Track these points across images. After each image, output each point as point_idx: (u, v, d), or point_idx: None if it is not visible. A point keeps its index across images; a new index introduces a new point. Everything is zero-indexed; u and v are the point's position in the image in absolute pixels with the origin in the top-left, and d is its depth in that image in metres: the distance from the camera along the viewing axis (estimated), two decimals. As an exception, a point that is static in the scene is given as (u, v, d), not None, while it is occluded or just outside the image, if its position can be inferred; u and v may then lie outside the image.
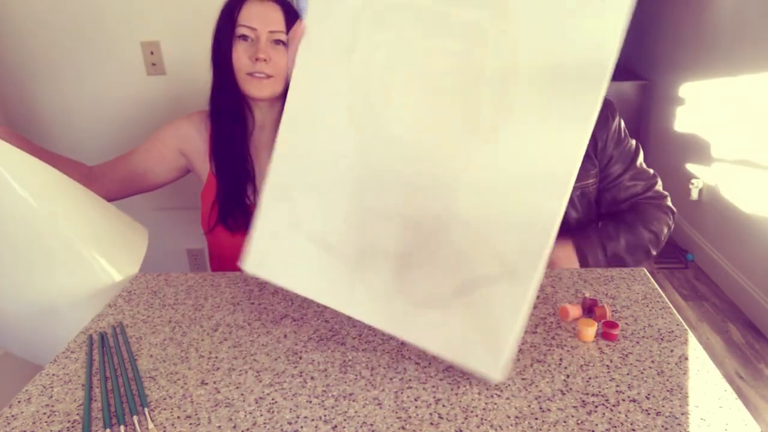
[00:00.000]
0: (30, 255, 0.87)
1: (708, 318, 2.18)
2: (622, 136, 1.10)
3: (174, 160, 1.18)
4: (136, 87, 1.80)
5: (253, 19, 1.03)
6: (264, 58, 1.03)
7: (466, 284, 0.66)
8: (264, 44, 1.03)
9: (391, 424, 0.61)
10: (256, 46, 1.03)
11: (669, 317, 0.80)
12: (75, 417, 0.66)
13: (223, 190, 1.12)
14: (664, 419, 0.61)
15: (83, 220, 0.93)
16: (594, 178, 1.10)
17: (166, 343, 0.80)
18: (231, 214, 1.12)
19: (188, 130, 1.17)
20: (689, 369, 0.69)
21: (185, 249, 2.03)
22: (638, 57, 3.34)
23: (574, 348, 0.74)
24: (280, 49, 1.05)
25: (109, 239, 0.97)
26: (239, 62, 1.05)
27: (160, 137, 1.18)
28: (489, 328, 0.64)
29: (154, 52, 1.74)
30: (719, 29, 2.40)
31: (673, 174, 2.84)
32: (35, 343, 0.94)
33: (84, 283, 0.91)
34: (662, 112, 3.00)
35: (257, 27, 1.03)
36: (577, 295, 0.86)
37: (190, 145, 1.17)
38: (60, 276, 0.89)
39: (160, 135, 1.18)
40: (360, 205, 0.71)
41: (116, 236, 0.98)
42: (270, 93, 1.06)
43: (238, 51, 1.04)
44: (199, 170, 1.19)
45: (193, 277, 0.98)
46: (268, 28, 1.03)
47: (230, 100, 1.10)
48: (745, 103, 2.19)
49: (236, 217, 1.12)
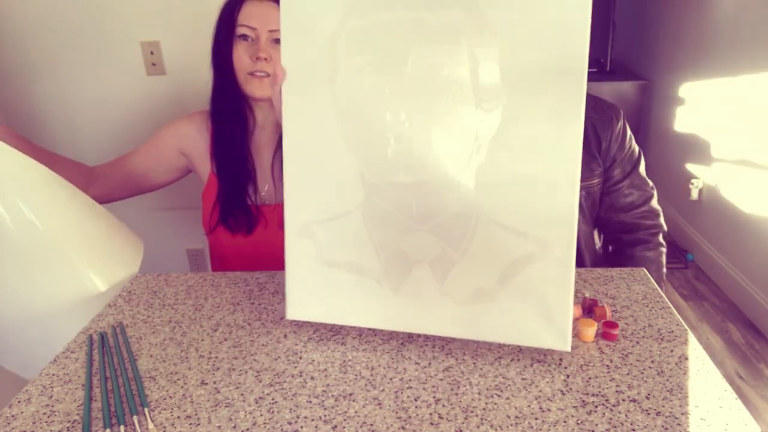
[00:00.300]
0: (20, 261, 0.86)
1: (708, 318, 2.18)
2: (626, 140, 1.10)
3: (175, 161, 1.18)
4: (136, 87, 1.80)
5: (252, 19, 1.03)
6: (265, 57, 1.03)
7: (507, 270, 0.68)
8: (264, 43, 1.04)
9: (391, 424, 0.61)
10: (257, 45, 1.04)
11: (669, 317, 0.80)
12: (75, 417, 0.66)
13: (224, 190, 1.12)
14: (664, 419, 0.61)
15: (77, 229, 0.92)
16: (599, 178, 1.10)
17: (166, 343, 0.80)
18: (232, 214, 1.12)
19: (189, 131, 1.17)
20: (689, 369, 0.69)
21: (185, 249, 2.03)
22: (638, 57, 3.34)
23: (574, 348, 0.74)
24: (279, 47, 1.05)
25: (103, 250, 0.96)
26: (240, 62, 1.05)
27: (160, 137, 1.18)
28: (543, 305, 0.67)
29: (154, 52, 1.74)
30: (719, 29, 2.40)
31: (673, 174, 2.84)
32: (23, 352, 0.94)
33: (72, 294, 0.90)
34: (662, 112, 3.00)
35: (257, 26, 1.03)
36: (577, 295, 0.86)
37: (191, 145, 1.17)
38: (49, 285, 0.88)
39: (160, 135, 1.18)
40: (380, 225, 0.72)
41: (110, 247, 0.97)
42: (270, 92, 1.07)
43: (239, 51, 1.05)
44: (200, 170, 1.19)
45: (193, 277, 0.98)
46: (267, 27, 1.04)
47: (231, 100, 1.10)
48: (745, 103, 2.19)
49: (237, 217, 1.12)
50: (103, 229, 0.98)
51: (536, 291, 0.67)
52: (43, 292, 0.88)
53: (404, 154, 0.69)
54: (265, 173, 1.15)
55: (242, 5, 1.04)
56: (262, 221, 1.12)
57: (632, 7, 3.40)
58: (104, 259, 0.95)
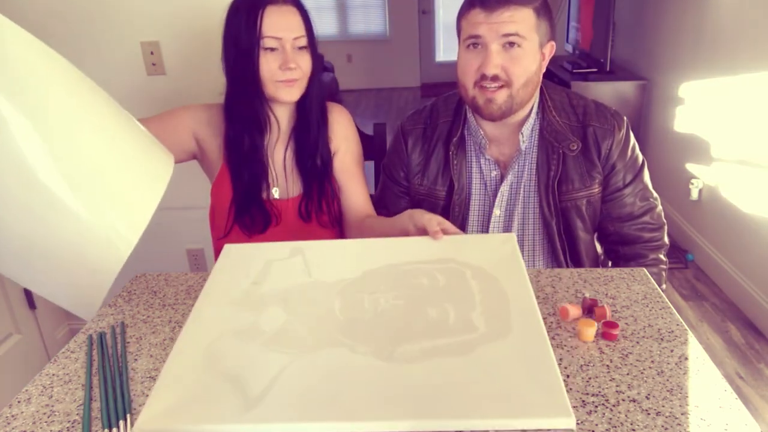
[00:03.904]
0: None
1: (708, 318, 2.18)
2: (628, 148, 1.08)
3: (186, 142, 1.16)
4: (136, 87, 1.80)
5: (278, 29, 1.03)
6: (294, 66, 1.04)
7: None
8: (291, 53, 1.04)
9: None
10: (284, 55, 1.04)
11: (669, 317, 0.80)
12: (75, 417, 0.66)
13: (241, 190, 1.12)
14: (664, 419, 0.61)
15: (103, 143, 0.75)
16: (599, 186, 1.08)
17: (166, 343, 0.80)
18: (248, 212, 1.12)
19: (208, 118, 1.15)
20: (689, 369, 0.69)
21: (185, 249, 2.03)
22: (638, 57, 3.34)
23: (574, 348, 0.74)
24: (303, 52, 1.07)
25: (130, 169, 0.79)
26: (269, 72, 1.04)
27: (177, 114, 1.15)
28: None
29: (154, 52, 1.74)
30: (719, 29, 2.40)
31: (673, 174, 2.84)
32: (76, 279, 0.77)
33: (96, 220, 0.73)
34: (662, 112, 3.00)
35: (282, 36, 1.03)
36: (577, 295, 0.86)
37: (206, 134, 1.15)
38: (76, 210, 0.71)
39: (177, 112, 1.16)
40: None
41: (136, 167, 0.80)
42: (299, 95, 1.08)
43: (268, 62, 1.04)
44: (208, 162, 1.17)
45: (193, 277, 0.98)
46: (292, 35, 1.04)
47: (251, 105, 1.09)
48: (745, 103, 2.19)
49: (254, 215, 1.12)
50: (132, 144, 0.80)
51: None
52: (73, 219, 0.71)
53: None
54: (277, 169, 1.15)
55: (263, 14, 1.03)
56: (274, 218, 1.13)
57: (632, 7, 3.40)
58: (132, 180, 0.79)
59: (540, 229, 1.10)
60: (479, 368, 0.65)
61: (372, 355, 0.68)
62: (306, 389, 0.64)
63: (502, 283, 0.80)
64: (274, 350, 0.70)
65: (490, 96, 1.00)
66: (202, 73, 1.71)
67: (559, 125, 1.06)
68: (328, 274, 0.85)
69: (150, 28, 1.73)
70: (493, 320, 0.72)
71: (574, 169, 1.06)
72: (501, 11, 0.95)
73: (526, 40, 0.97)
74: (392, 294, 0.79)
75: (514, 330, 0.70)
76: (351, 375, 0.65)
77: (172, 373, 0.67)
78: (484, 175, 1.11)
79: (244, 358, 0.69)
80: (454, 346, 0.69)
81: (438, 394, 0.62)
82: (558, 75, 3.30)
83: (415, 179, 1.15)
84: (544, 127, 1.06)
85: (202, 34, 1.71)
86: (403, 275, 0.83)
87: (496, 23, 0.96)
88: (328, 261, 0.88)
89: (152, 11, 1.71)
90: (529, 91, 1.01)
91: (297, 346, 0.71)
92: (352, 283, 0.82)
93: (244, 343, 0.72)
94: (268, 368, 0.67)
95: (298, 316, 0.76)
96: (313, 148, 1.13)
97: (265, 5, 1.03)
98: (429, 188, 1.13)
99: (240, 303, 0.80)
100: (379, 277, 0.83)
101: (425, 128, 1.15)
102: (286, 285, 0.83)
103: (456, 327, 0.72)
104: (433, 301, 0.77)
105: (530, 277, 0.92)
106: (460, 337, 0.70)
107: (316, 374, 0.66)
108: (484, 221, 1.12)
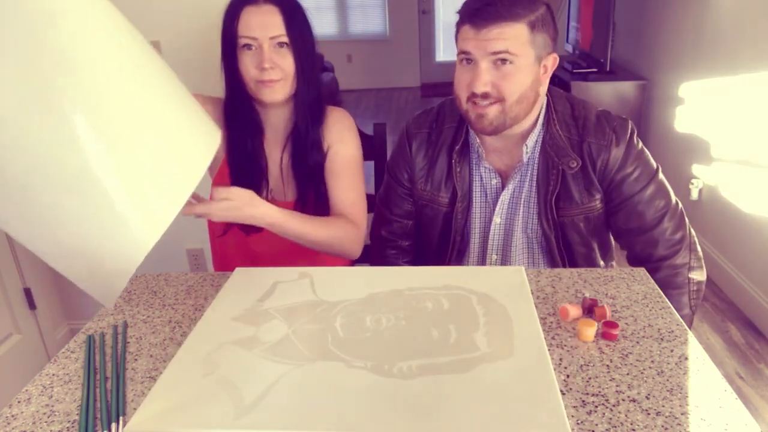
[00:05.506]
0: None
1: (708, 318, 2.18)
2: (629, 160, 1.03)
3: None
4: (136, 87, 1.80)
5: (252, 28, 1.02)
6: (270, 66, 1.03)
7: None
8: (267, 51, 1.03)
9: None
10: (260, 54, 1.03)
11: (669, 317, 0.80)
12: (75, 417, 0.66)
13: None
14: (664, 419, 0.61)
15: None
16: (600, 203, 1.05)
17: (165, 343, 0.80)
18: None
19: (212, 111, 1.14)
20: (689, 369, 0.69)
21: (185, 249, 2.03)
22: (638, 57, 3.34)
23: (574, 348, 0.74)
24: (283, 51, 1.04)
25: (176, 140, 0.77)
26: (247, 72, 1.04)
27: None
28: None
29: (154, 52, 1.74)
30: (719, 29, 2.40)
31: (673, 174, 2.84)
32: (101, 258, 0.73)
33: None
34: (662, 112, 3.00)
35: (258, 35, 1.02)
36: (577, 295, 0.86)
37: None
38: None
39: None
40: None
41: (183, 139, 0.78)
42: (282, 96, 1.07)
43: (245, 62, 1.04)
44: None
45: (193, 277, 0.98)
46: (268, 34, 1.03)
47: (243, 106, 1.10)
48: (745, 103, 2.19)
49: None
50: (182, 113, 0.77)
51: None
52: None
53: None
54: (274, 170, 1.15)
55: (240, 15, 1.03)
56: None
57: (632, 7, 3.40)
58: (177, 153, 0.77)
59: (540, 239, 1.09)
60: (478, 386, 0.65)
61: (369, 369, 0.68)
62: (300, 399, 0.64)
63: (508, 309, 0.80)
64: (271, 360, 0.71)
65: (480, 112, 0.97)
66: (202, 73, 1.71)
67: (561, 139, 1.03)
68: (333, 295, 0.86)
69: (150, 28, 1.73)
70: (496, 341, 0.72)
71: (574, 186, 1.03)
72: (490, 28, 0.92)
73: (518, 56, 0.93)
74: (395, 315, 0.80)
75: (517, 352, 0.70)
76: (346, 387, 0.66)
77: (168, 379, 0.68)
78: (484, 183, 1.10)
79: (240, 366, 0.70)
80: (455, 364, 0.69)
81: (434, 409, 0.62)
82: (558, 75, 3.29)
83: (419, 183, 1.14)
84: (547, 140, 1.04)
85: (202, 34, 1.71)
86: (408, 299, 0.84)
87: (485, 41, 0.92)
88: (335, 284, 0.89)
89: (152, 11, 1.71)
90: (524, 107, 0.98)
91: (294, 358, 0.71)
92: (356, 303, 0.83)
93: (242, 352, 0.72)
94: (263, 377, 0.68)
95: (298, 330, 0.77)
96: (307, 150, 1.13)
97: (244, 5, 1.03)
98: (432, 194, 1.12)
99: (243, 318, 0.81)
100: (383, 300, 0.84)
101: (430, 132, 1.14)
102: (290, 302, 0.84)
103: (457, 346, 0.72)
104: (436, 322, 0.77)
105: (530, 277, 0.92)
106: (461, 355, 0.70)
107: (311, 385, 0.66)
108: (484, 228, 1.12)
